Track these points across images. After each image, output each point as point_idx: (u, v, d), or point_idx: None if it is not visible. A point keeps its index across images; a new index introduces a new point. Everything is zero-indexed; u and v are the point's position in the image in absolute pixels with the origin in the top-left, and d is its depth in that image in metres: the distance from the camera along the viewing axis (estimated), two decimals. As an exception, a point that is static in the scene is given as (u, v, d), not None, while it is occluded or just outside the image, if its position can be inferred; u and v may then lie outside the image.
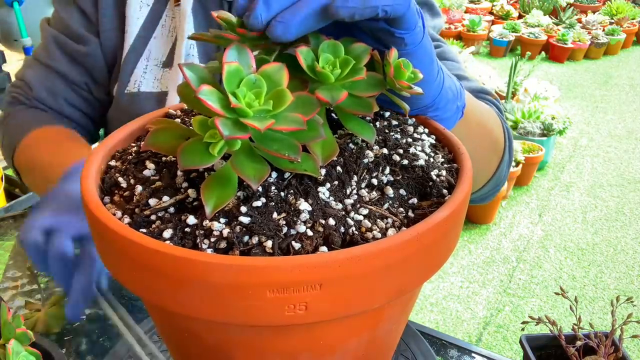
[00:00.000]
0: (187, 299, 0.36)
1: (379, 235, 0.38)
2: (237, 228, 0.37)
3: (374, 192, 0.42)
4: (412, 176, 0.44)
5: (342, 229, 0.38)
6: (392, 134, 0.48)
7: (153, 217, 0.39)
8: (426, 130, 0.51)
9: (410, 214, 0.41)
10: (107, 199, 0.43)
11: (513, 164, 2.75)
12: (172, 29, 0.83)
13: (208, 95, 0.36)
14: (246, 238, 0.37)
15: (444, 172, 0.45)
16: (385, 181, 0.43)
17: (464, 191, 0.42)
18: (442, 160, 0.47)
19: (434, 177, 0.44)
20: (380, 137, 0.47)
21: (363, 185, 0.42)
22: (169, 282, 0.36)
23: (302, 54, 0.42)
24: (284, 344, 0.40)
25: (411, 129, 0.50)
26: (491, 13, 5.49)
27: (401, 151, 0.46)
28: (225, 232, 0.37)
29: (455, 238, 0.43)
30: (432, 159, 0.46)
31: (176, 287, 0.36)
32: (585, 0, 5.76)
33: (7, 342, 0.49)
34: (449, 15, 5.03)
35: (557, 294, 0.65)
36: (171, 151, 0.39)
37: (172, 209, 0.40)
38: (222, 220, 0.38)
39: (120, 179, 0.44)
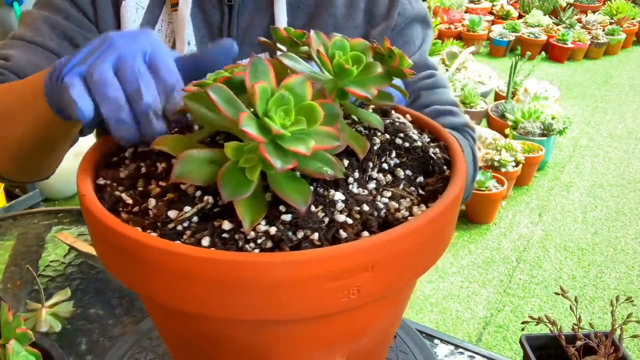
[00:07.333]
0: (237, 303, 0.35)
1: (407, 213, 0.40)
2: (281, 226, 0.38)
3: (388, 176, 0.44)
4: (415, 157, 0.46)
5: (376, 213, 0.40)
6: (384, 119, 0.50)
7: (179, 227, 0.39)
8: (402, 115, 0.53)
9: (421, 191, 0.44)
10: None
11: (513, 163, 2.75)
12: (169, 34, 0.82)
13: (249, 125, 0.35)
14: (290, 234, 0.37)
15: (437, 150, 0.48)
16: (393, 164, 0.45)
17: (463, 165, 0.45)
18: (429, 139, 0.50)
19: (433, 156, 0.47)
20: None
21: (376, 170, 0.44)
22: (215, 289, 0.35)
23: (325, 52, 0.43)
24: (324, 332, 0.41)
25: (394, 115, 0.52)
26: (491, 13, 5.48)
27: (402, 135, 0.48)
28: (273, 230, 0.37)
29: (457, 214, 0.46)
30: (424, 140, 0.49)
31: (225, 293, 0.35)
32: (585, 0, 5.75)
33: (7, 342, 0.49)
34: (449, 15, 5.03)
35: (557, 294, 0.65)
36: (206, 181, 0.39)
37: (195, 218, 0.39)
38: (263, 221, 0.38)
39: (124, 195, 0.43)
